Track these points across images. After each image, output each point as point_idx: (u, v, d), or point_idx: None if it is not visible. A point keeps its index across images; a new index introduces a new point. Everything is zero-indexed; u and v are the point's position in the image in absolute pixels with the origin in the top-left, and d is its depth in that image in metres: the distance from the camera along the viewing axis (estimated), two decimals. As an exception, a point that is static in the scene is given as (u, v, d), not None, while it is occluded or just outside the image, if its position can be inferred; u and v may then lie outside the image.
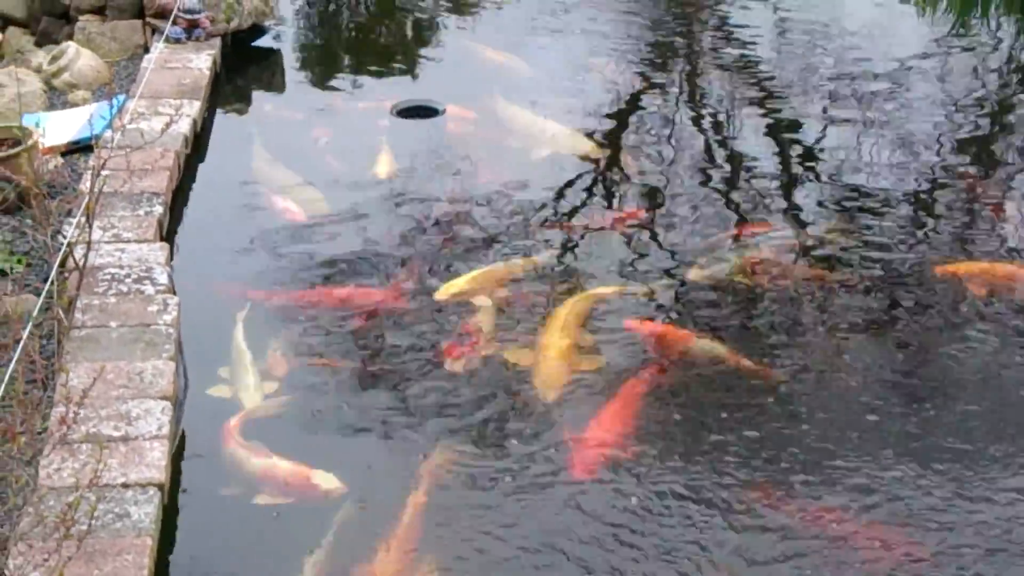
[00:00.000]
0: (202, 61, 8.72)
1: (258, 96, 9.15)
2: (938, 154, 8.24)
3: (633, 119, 8.73)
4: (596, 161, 7.93)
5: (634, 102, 8.97)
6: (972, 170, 8.00)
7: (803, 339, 6.15)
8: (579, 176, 7.81)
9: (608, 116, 8.69)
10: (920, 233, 7.24)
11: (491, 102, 8.64)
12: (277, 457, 5.15)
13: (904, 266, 6.79)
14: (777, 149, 8.36)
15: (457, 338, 5.95)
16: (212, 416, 5.46)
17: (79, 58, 8.58)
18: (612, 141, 8.31)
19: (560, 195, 7.56)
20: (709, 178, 7.81)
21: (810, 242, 6.94)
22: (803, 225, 7.22)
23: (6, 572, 4.02)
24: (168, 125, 6.30)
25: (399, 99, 8.79)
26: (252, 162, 7.81)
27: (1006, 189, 7.85)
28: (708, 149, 8.34)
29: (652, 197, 7.57)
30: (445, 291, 6.37)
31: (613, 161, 8.01)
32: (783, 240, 6.94)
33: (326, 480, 5.03)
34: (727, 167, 8.05)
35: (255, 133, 8.19)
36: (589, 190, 7.68)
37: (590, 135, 8.29)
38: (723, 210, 7.44)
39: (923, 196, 7.70)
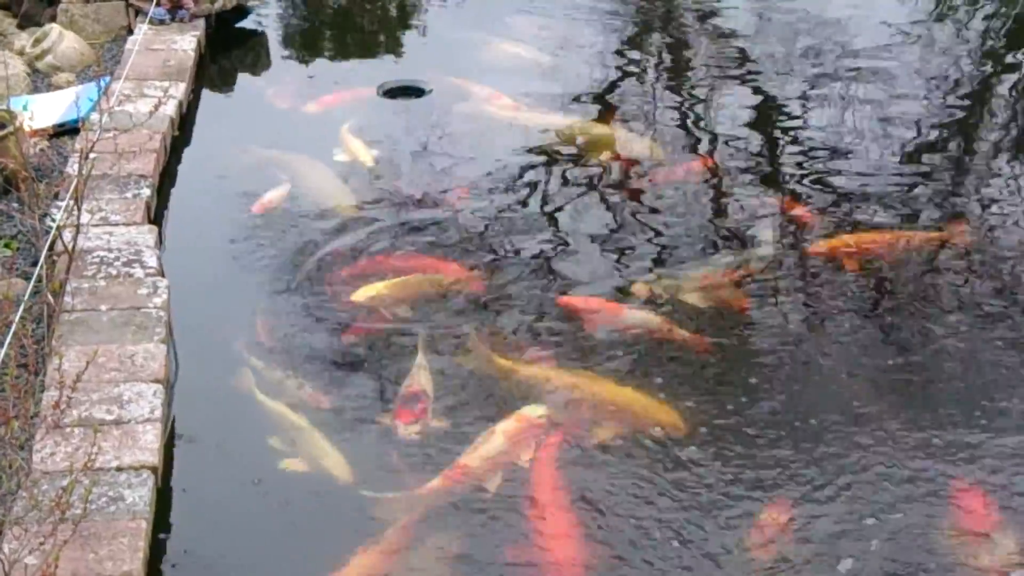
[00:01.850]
0: (186, 42, 8.67)
1: (243, 77, 9.10)
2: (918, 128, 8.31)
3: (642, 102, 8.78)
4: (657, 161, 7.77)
5: (632, 85, 8.99)
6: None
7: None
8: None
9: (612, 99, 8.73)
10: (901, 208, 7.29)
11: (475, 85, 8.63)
12: (489, 433, 5.26)
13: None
14: (761, 123, 8.40)
15: (404, 401, 5.45)
16: (203, 399, 5.47)
17: (62, 40, 8.53)
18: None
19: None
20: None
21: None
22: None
23: (1, 556, 4.01)
24: (156, 108, 6.28)
25: (385, 79, 8.77)
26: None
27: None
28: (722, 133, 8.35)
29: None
30: (362, 294, 6.18)
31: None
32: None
33: (535, 410, 5.39)
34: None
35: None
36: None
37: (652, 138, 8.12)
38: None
39: (904, 167, 7.76)
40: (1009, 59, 9.62)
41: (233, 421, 5.40)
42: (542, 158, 7.77)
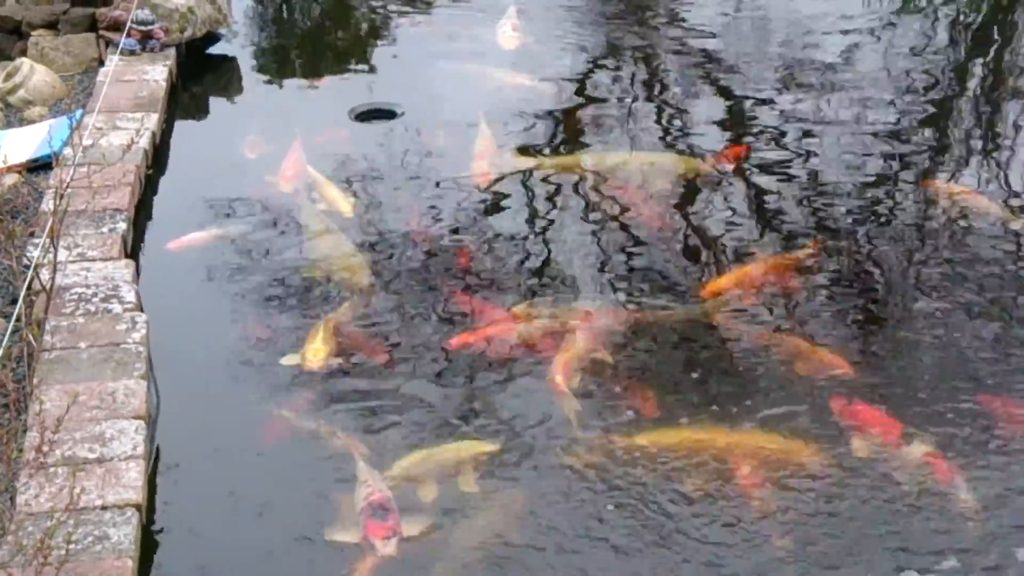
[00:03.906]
0: (158, 72, 8.70)
1: (216, 105, 9.14)
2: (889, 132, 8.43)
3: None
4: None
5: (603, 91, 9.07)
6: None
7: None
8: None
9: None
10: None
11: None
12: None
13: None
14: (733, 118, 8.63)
15: (372, 514, 4.98)
16: (185, 434, 5.51)
17: (33, 74, 8.55)
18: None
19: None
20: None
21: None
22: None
23: (-12, 601, 4.05)
24: (131, 144, 6.32)
25: (356, 103, 8.83)
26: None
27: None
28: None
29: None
30: (313, 360, 5.90)
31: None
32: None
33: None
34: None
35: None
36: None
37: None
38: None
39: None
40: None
41: (217, 453, 5.44)
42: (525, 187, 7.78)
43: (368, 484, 5.12)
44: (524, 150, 8.14)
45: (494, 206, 7.50)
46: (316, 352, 5.94)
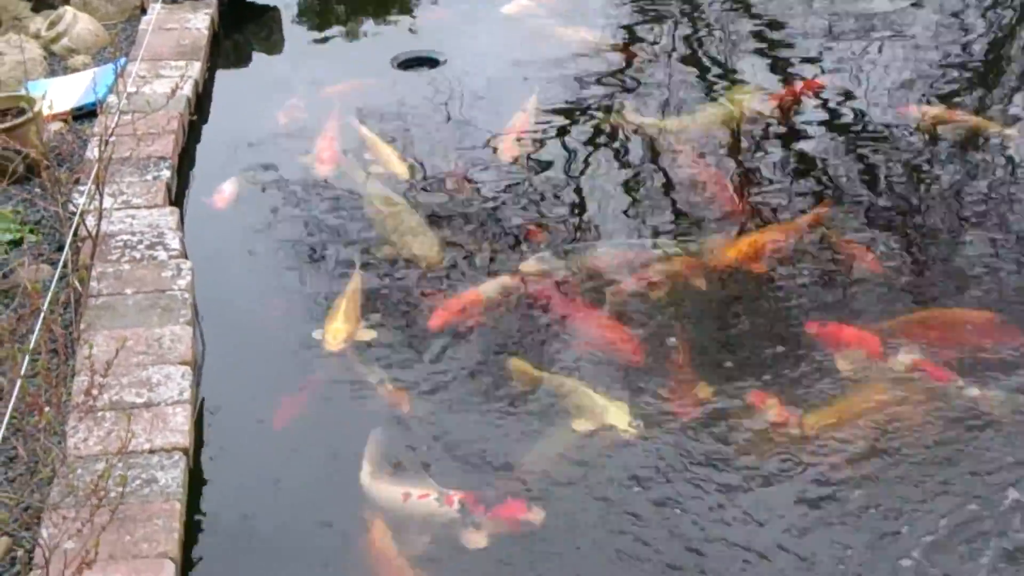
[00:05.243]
0: (200, 21, 8.68)
1: (258, 54, 9.10)
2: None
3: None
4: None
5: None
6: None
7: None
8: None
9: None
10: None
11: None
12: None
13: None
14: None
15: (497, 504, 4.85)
16: (231, 379, 5.54)
17: (77, 22, 8.55)
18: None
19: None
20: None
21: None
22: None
23: (40, 542, 4.09)
24: (175, 91, 6.30)
25: (399, 51, 8.78)
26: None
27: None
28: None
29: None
30: (334, 340, 5.71)
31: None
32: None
33: None
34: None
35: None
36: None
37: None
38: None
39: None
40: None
41: (260, 399, 5.47)
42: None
43: (427, 490, 4.89)
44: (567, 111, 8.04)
45: (546, 164, 7.39)
46: (336, 333, 5.76)
